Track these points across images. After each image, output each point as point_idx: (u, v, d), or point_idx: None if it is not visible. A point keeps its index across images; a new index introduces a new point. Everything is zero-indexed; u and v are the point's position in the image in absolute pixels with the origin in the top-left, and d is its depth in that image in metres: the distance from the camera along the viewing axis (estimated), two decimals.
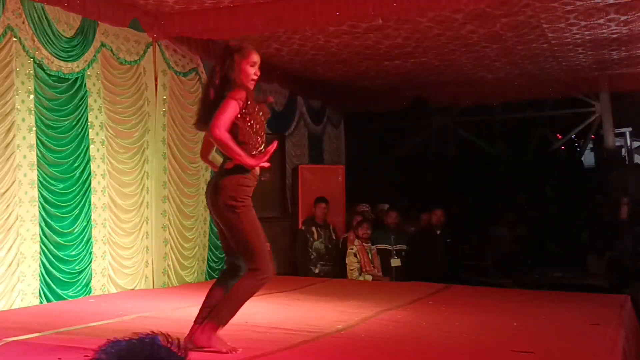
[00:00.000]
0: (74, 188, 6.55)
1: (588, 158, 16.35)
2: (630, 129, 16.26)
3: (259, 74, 4.08)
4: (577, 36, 8.51)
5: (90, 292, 6.65)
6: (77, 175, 6.60)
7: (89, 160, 6.74)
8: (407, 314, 5.56)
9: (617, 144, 15.43)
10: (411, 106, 12.48)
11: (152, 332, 1.55)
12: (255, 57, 4.05)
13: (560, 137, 16.20)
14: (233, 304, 3.97)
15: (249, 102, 3.92)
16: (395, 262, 8.38)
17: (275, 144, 4.02)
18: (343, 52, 9.16)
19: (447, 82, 11.29)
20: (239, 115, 3.88)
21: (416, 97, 12.19)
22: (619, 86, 11.73)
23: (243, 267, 4.03)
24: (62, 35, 6.39)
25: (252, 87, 4.06)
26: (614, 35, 8.46)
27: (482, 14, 7.56)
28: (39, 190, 6.18)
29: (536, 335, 4.66)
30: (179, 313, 5.49)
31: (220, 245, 8.45)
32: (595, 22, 7.88)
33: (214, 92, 3.99)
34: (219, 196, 3.94)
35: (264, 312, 5.36)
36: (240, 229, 3.93)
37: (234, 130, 3.88)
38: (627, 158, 16.18)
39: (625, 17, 7.69)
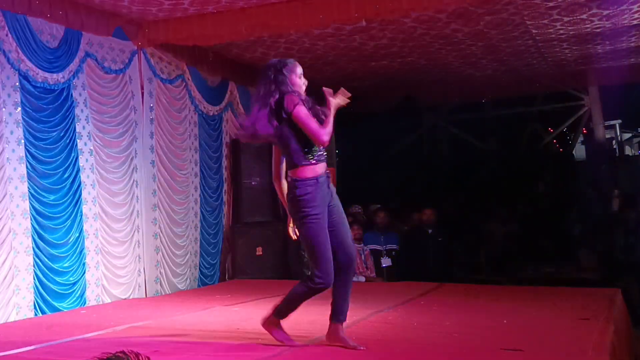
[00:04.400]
0: (65, 199, 6.56)
1: (579, 151, 16.40)
2: (620, 121, 16.34)
3: (306, 82, 4.40)
4: (561, 32, 8.56)
5: (85, 303, 6.66)
6: (68, 186, 6.60)
7: (78, 170, 6.74)
8: (399, 314, 5.58)
9: (608, 136, 15.50)
10: (400, 105, 12.49)
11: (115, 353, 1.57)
12: (300, 69, 4.36)
13: (551, 130, 16.25)
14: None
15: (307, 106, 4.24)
16: (386, 262, 8.39)
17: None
18: (329, 54, 9.18)
19: (435, 80, 11.30)
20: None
21: (405, 95, 12.20)
22: (607, 79, 11.79)
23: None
24: (46, 46, 6.39)
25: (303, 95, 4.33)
26: (598, 30, 8.51)
27: (465, 13, 7.60)
28: (30, 203, 6.18)
29: (525, 332, 4.68)
30: (171, 321, 5.51)
31: (211, 251, 8.55)
32: (578, 17, 7.93)
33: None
34: (290, 209, 4.26)
35: (256, 318, 5.36)
36: (303, 237, 4.23)
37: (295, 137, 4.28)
38: (617, 150, 16.25)
39: (608, 12, 7.74)
